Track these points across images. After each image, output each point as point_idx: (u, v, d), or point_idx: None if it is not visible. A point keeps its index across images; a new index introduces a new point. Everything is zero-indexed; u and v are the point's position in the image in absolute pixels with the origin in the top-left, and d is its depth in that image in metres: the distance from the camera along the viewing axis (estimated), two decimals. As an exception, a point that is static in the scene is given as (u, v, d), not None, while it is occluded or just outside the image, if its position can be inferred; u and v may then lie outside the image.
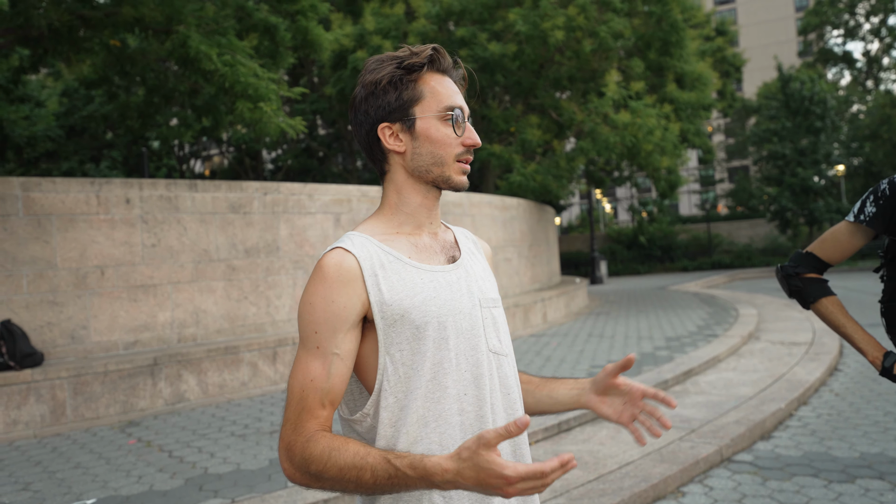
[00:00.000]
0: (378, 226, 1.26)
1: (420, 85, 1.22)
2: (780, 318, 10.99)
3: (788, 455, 4.67)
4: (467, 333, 1.20)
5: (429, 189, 1.26)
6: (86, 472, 4.57)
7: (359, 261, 1.16)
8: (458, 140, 1.23)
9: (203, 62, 7.28)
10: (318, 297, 1.15)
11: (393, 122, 1.22)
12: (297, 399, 1.15)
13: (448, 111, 1.21)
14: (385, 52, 1.26)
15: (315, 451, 1.09)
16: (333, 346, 1.14)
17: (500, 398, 1.23)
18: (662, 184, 15.89)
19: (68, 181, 6.70)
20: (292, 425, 1.14)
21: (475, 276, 1.29)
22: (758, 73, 50.15)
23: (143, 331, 6.98)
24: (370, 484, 1.06)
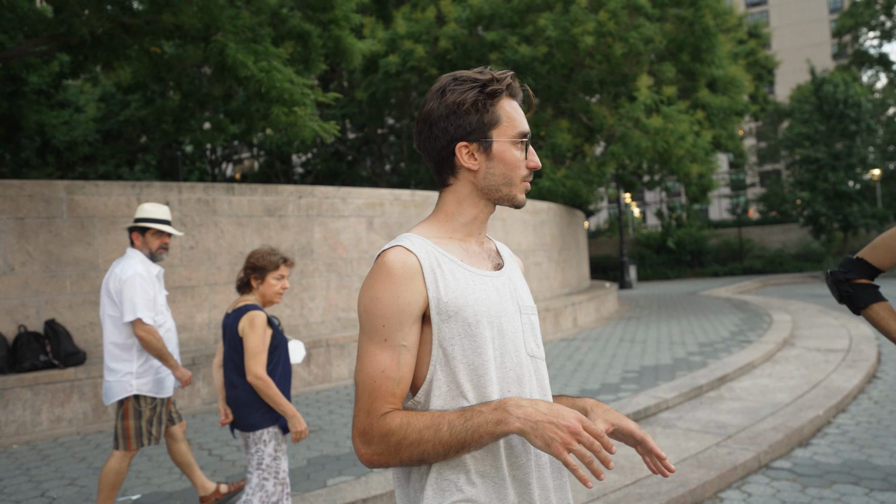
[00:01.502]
0: (433, 230, 1.34)
1: (498, 110, 1.30)
2: (815, 325, 10.79)
3: (828, 462, 4.60)
4: (511, 335, 1.28)
5: (487, 204, 1.35)
6: (130, 468, 4.68)
7: (419, 259, 1.24)
8: (525, 163, 1.32)
9: (240, 69, 7.43)
10: (384, 292, 1.21)
11: (471, 141, 1.30)
12: (369, 390, 1.21)
13: (521, 137, 1.31)
14: (462, 72, 1.32)
15: (394, 424, 1.17)
16: (401, 339, 1.21)
17: (539, 397, 1.32)
18: (694, 188, 15.72)
19: (110, 184, 6.89)
20: (366, 413, 1.20)
21: (516, 284, 1.38)
22: (791, 75, 49.33)
23: (182, 331, 7.13)
24: (447, 437, 1.15)
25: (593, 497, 3.92)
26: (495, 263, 1.38)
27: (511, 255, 1.50)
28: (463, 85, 1.29)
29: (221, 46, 7.15)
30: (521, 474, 1.24)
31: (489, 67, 1.33)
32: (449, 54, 15.46)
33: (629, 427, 1.31)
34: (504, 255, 1.44)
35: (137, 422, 3.64)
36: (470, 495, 1.20)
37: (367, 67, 16.58)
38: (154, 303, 3.69)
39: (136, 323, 3.58)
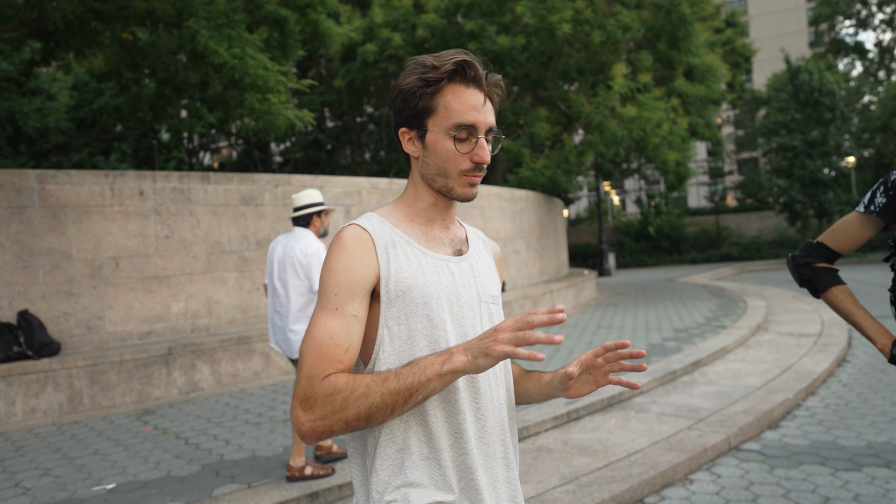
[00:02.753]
0: (395, 212, 1.34)
1: (437, 98, 1.26)
2: (788, 310, 10.99)
3: (796, 444, 4.71)
4: (462, 321, 1.27)
5: (440, 194, 1.32)
6: (104, 458, 4.67)
7: (373, 237, 1.25)
8: (466, 156, 1.26)
9: (211, 56, 7.34)
10: (338, 263, 1.22)
11: (410, 128, 1.30)
12: (315, 355, 1.17)
13: (455, 129, 1.25)
14: (425, 55, 1.30)
15: (340, 382, 1.13)
16: (352, 309, 1.20)
17: (492, 387, 1.31)
18: (671, 176, 15.86)
19: (83, 173, 6.79)
20: (307, 378, 1.15)
21: (478, 272, 1.35)
22: (768, 63, 49.78)
23: (158, 321, 7.08)
24: (394, 386, 1.12)
25: (566, 480, 3.98)
26: (456, 249, 1.36)
27: (485, 242, 1.49)
28: (412, 69, 1.28)
29: (193, 33, 7.05)
30: (468, 460, 1.23)
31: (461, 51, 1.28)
32: (427, 43, 15.39)
33: (588, 354, 1.29)
34: (473, 242, 1.42)
35: None
36: (413, 479, 1.20)
37: (345, 56, 16.45)
38: None
39: None
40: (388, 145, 21.53)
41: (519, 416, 5.15)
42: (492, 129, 1.29)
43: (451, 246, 1.35)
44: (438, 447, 1.22)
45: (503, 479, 1.30)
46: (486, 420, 1.28)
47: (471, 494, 1.23)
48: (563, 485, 3.91)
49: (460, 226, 1.44)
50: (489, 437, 1.28)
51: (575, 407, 5.36)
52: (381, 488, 1.21)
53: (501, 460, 1.31)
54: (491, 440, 1.29)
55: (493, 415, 1.30)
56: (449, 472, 1.22)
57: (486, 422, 1.28)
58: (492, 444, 1.29)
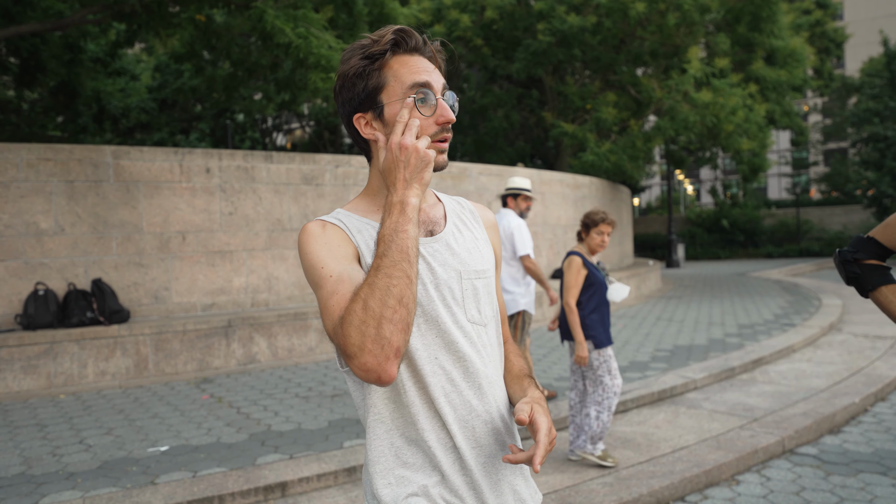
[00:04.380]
0: (361, 205, 1.32)
1: (385, 72, 1.23)
2: (867, 311, 10.37)
3: (857, 451, 4.46)
4: (439, 302, 1.22)
5: None
6: (162, 421, 4.91)
7: (340, 223, 1.25)
8: (430, 119, 1.22)
9: (278, 36, 7.50)
10: (314, 244, 1.19)
11: (365, 111, 1.25)
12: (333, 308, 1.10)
13: (410, 91, 1.21)
14: (358, 41, 1.27)
15: (351, 305, 1.05)
16: (346, 268, 1.15)
17: (481, 364, 1.25)
18: (745, 167, 15.15)
19: (154, 150, 7.11)
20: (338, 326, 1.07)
21: (457, 249, 1.29)
22: (863, 48, 46.65)
23: (220, 294, 7.37)
24: (388, 261, 1.06)
25: (604, 473, 3.91)
26: (428, 231, 1.30)
27: (472, 211, 1.43)
28: (349, 54, 1.25)
29: (260, 13, 7.22)
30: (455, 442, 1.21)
31: (394, 26, 1.25)
32: (495, 24, 15.21)
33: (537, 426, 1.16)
34: (453, 217, 1.36)
35: (523, 331, 5.06)
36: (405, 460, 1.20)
37: (413, 37, 16.45)
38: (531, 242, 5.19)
39: (524, 257, 5.08)
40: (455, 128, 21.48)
41: (562, 406, 5.08)
42: (446, 88, 1.25)
43: (423, 227, 1.30)
44: (421, 429, 1.20)
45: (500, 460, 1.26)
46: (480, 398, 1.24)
47: (464, 475, 1.21)
48: (600, 477, 3.84)
49: (437, 202, 1.39)
50: (485, 416, 1.24)
51: (623, 399, 5.24)
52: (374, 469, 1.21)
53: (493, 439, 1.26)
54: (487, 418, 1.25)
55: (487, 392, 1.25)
56: (438, 455, 1.20)
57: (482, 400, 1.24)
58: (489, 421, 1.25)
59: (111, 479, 3.74)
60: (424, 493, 1.19)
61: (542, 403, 1.23)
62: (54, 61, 11.95)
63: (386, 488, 1.20)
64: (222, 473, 3.76)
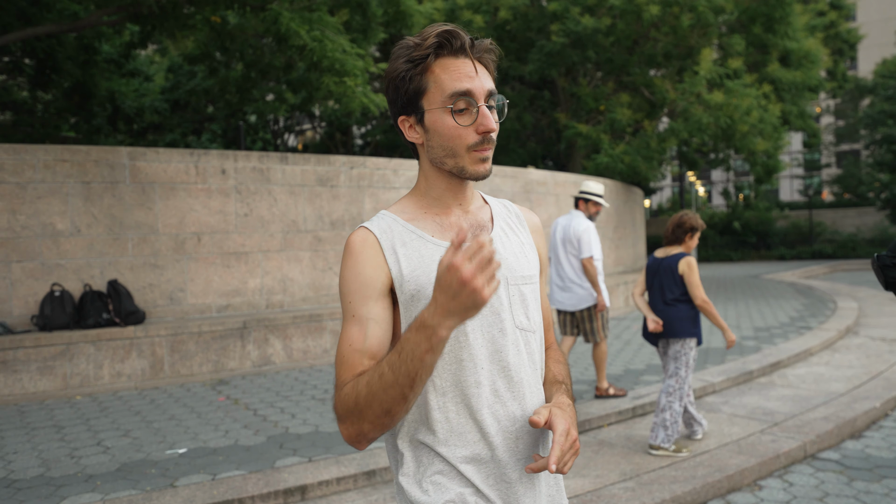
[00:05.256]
0: (408, 206, 1.29)
1: (426, 76, 1.19)
2: (884, 314, 10.26)
3: (880, 456, 4.40)
4: (486, 310, 1.21)
5: (452, 176, 1.25)
6: (179, 423, 4.92)
7: (378, 238, 1.21)
8: (470, 129, 1.19)
9: (293, 38, 7.51)
10: (348, 270, 1.21)
11: (408, 115, 1.23)
12: (339, 365, 1.18)
13: (450, 101, 1.17)
14: (407, 38, 1.23)
15: (347, 388, 1.12)
16: (367, 312, 1.18)
17: (529, 372, 1.25)
18: (759, 168, 15.04)
19: (170, 152, 7.13)
20: (336, 392, 1.17)
21: (504, 253, 1.28)
22: (876, 49, 46.25)
23: (235, 295, 7.38)
24: (391, 378, 1.06)
25: (626, 476, 3.87)
26: (476, 235, 1.27)
27: (518, 215, 1.40)
28: (397, 54, 1.22)
29: (276, 15, 7.23)
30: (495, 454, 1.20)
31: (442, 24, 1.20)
32: (509, 25, 15.18)
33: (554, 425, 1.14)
34: (500, 221, 1.34)
35: (601, 321, 5.48)
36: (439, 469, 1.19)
37: (425, 38, 16.45)
38: (598, 245, 5.53)
39: (587, 259, 5.40)
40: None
41: (581, 409, 5.05)
42: (492, 93, 1.20)
43: (470, 231, 1.28)
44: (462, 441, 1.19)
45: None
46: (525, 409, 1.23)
47: (500, 487, 1.20)
48: (622, 481, 3.80)
49: (484, 204, 1.36)
50: (524, 430, 1.23)
51: (641, 403, 5.21)
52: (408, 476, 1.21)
53: (541, 447, 1.27)
54: (532, 428, 1.23)
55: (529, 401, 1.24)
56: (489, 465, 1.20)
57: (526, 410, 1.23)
58: (533, 431, 1.24)
59: (130, 482, 3.74)
60: (461, 500, 1.18)
61: (565, 408, 1.20)
62: (69, 62, 12.02)
63: (423, 496, 1.19)
64: (241, 476, 3.76)
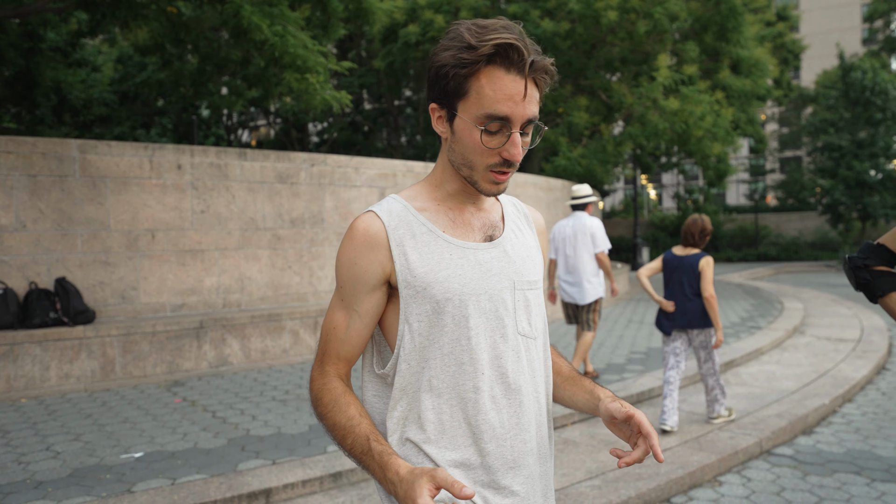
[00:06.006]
0: (421, 194, 1.24)
1: (470, 81, 1.10)
2: (826, 314, 10.68)
3: (830, 451, 4.56)
4: (490, 314, 1.18)
5: (466, 182, 1.20)
6: (134, 426, 4.75)
7: (386, 229, 1.17)
8: (495, 151, 1.13)
9: (254, 33, 7.35)
10: (345, 256, 1.19)
11: (441, 107, 1.17)
12: (324, 339, 1.24)
13: (484, 121, 1.10)
14: (468, 24, 1.12)
15: (324, 399, 1.19)
16: (354, 304, 1.19)
17: (527, 380, 1.22)
18: (711, 172, 15.49)
19: (123, 145, 6.88)
20: (319, 361, 1.25)
21: (514, 256, 1.24)
22: (818, 60, 48.24)
23: (190, 294, 7.17)
24: (347, 448, 1.15)
25: (592, 475, 3.91)
26: (487, 235, 1.24)
27: (526, 214, 1.36)
28: (449, 40, 1.13)
29: (237, 8, 7.06)
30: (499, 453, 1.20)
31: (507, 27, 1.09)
32: (469, 26, 15.19)
33: (639, 420, 1.16)
34: (511, 221, 1.30)
35: (598, 314, 5.95)
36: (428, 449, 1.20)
37: (385, 37, 16.38)
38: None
39: (602, 253, 5.89)
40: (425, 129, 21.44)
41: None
42: (531, 120, 1.13)
43: (482, 231, 1.23)
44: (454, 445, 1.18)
45: (538, 473, 1.25)
46: (520, 416, 1.21)
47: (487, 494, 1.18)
48: (588, 479, 3.84)
49: (496, 202, 1.32)
50: (524, 434, 1.22)
51: (603, 401, 5.27)
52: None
53: (535, 455, 1.25)
54: (527, 436, 1.22)
55: (526, 409, 1.22)
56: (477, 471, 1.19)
57: (521, 418, 1.21)
58: (527, 440, 1.22)
59: (84, 488, 3.59)
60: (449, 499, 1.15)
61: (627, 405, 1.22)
62: (12, 50, 11.50)
63: None
64: (203, 480, 3.64)
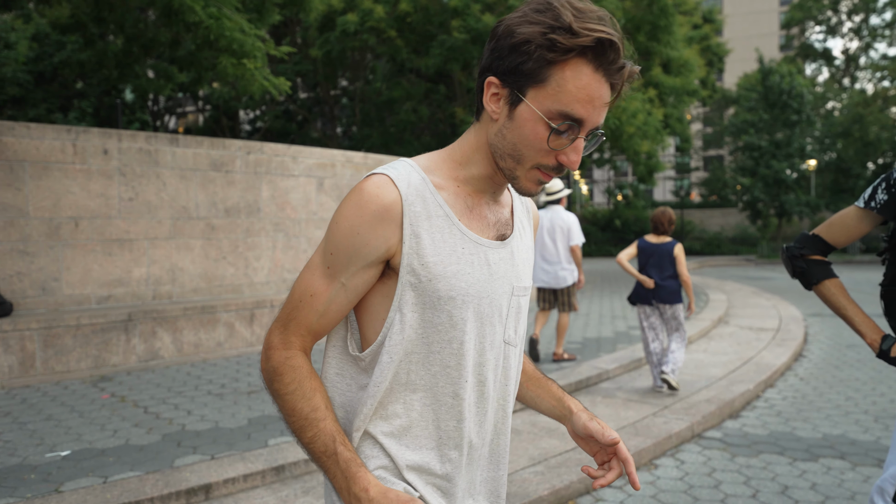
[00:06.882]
0: (439, 168, 1.10)
1: (554, 70, 0.97)
2: (748, 305, 11.24)
3: (756, 433, 4.81)
4: (487, 320, 1.10)
5: (501, 172, 1.09)
6: (58, 424, 4.50)
7: (403, 201, 1.03)
8: (552, 151, 1.02)
9: (187, 14, 7.07)
10: (346, 222, 1.04)
11: (503, 84, 1.02)
12: (295, 304, 1.09)
13: (557, 118, 0.99)
14: (572, 5, 0.99)
15: (285, 377, 1.08)
16: (343, 275, 1.06)
17: (498, 388, 1.17)
18: (642, 168, 16.00)
19: (44, 127, 6.49)
20: (282, 326, 1.10)
21: (518, 259, 1.16)
22: (739, 64, 50.55)
23: (117, 286, 6.86)
24: (305, 441, 1.06)
25: (535, 461, 3.98)
26: (500, 234, 1.14)
27: (528, 209, 1.27)
28: (541, 14, 0.98)
29: (169, -13, 6.77)
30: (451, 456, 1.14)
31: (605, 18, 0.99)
32: (409, 17, 15.12)
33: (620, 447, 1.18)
34: (518, 218, 1.21)
35: (574, 297, 6.48)
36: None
37: (323, 25, 16.07)
38: None
39: (576, 245, 6.35)
40: (362, 120, 21.20)
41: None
42: (597, 128, 1.03)
43: (496, 228, 1.14)
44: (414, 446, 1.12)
45: (481, 479, 1.20)
46: (482, 425, 1.16)
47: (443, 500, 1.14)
48: (531, 465, 3.91)
49: (508, 194, 1.22)
50: (478, 440, 1.16)
51: (542, 390, 5.37)
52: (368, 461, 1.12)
53: (486, 461, 1.20)
54: (481, 443, 1.17)
55: (489, 417, 1.17)
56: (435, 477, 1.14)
57: (483, 426, 1.16)
58: (481, 446, 1.17)
59: (7, 489, 3.38)
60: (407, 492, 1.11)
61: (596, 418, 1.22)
62: (-86, 23, 10.64)
63: None
64: (137, 478, 3.49)
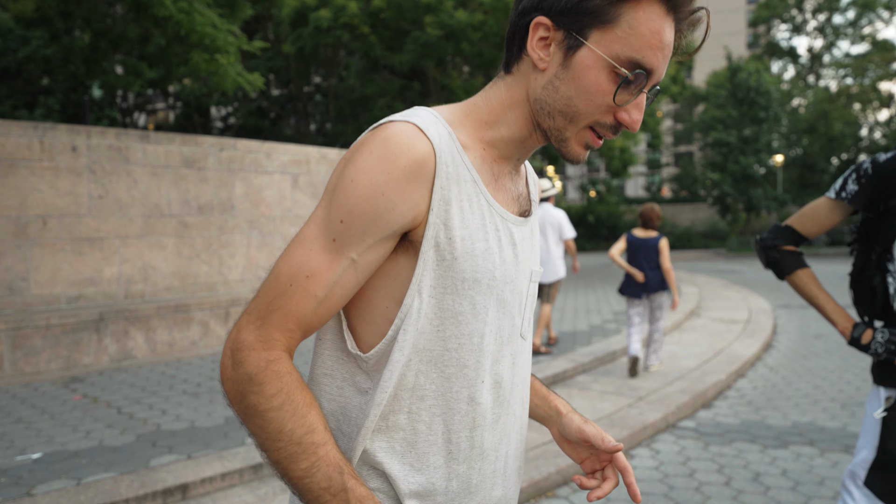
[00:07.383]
0: (465, 126, 0.91)
1: (625, 7, 0.82)
2: (719, 297, 11.45)
3: (728, 423, 4.91)
4: (508, 309, 0.93)
5: (540, 132, 0.91)
6: (28, 426, 4.42)
7: (437, 161, 0.83)
8: (612, 106, 0.86)
9: (157, 8, 6.96)
10: (368, 179, 0.81)
11: (557, 26, 0.85)
12: (281, 289, 0.83)
13: (630, 66, 0.83)
14: None
15: (267, 388, 0.81)
16: (354, 249, 0.82)
17: (517, 391, 0.99)
18: (616, 162, 16.18)
19: (9, 124, 6.34)
20: (258, 320, 0.83)
21: (535, 240, 1.01)
22: (707, 61, 51.28)
23: (88, 285, 6.73)
24: (297, 474, 0.81)
25: (513, 454, 4.02)
26: (522, 209, 0.97)
27: (535, 182, 1.08)
28: None
29: (138, -19, 6.66)
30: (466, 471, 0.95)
31: None
32: (382, 13, 15.07)
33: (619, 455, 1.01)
34: (532, 192, 1.04)
35: (557, 290, 6.77)
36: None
37: (295, 20, 15.93)
38: None
39: (570, 239, 6.68)
40: (336, 117, 21.06)
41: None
42: (657, 85, 0.89)
43: (518, 203, 0.97)
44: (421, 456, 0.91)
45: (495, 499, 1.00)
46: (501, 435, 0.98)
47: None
48: (509, 459, 3.94)
49: (524, 166, 1.05)
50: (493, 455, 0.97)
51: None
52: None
53: (501, 476, 1.00)
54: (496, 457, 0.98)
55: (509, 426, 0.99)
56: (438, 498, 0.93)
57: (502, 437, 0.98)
58: (496, 460, 0.98)
59: (-23, 492, 3.31)
60: None
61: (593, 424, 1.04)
62: None
63: None
64: (112, 479, 3.45)
